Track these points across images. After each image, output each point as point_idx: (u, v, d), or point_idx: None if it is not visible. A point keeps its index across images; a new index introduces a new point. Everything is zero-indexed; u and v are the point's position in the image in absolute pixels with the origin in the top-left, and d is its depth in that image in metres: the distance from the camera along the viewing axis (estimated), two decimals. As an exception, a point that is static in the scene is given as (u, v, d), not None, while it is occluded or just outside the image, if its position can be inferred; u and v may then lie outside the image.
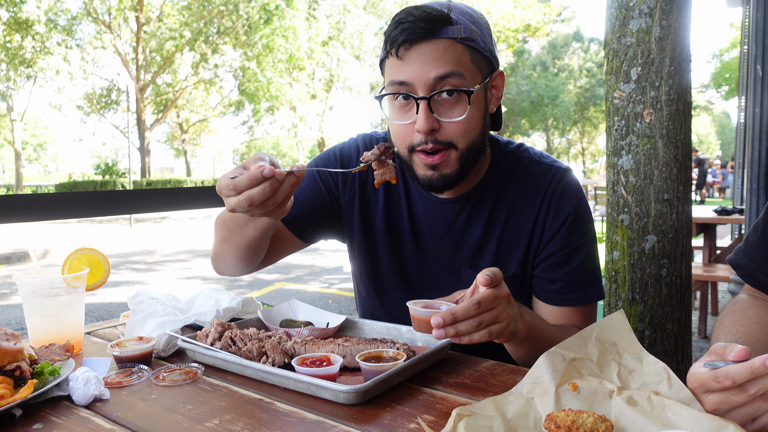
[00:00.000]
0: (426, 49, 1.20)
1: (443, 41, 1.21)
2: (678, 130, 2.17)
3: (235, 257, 1.42)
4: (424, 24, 1.19)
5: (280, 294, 7.59)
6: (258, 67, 27.07)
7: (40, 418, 1.00)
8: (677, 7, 2.13)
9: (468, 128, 1.26)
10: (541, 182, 1.40)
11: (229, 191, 1.07)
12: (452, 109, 1.24)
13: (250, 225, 1.32)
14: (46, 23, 24.78)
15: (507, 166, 1.43)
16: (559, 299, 1.39)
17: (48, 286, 1.33)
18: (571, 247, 1.38)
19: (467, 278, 1.42)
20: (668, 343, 2.27)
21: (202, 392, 1.09)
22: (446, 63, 1.20)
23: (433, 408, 1.00)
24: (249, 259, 1.43)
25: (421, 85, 1.21)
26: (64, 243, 13.16)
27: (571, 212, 1.38)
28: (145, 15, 27.03)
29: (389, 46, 1.24)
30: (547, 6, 32.42)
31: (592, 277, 1.41)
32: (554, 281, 1.39)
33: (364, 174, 1.52)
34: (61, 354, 1.21)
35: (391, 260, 1.50)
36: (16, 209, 1.84)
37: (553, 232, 1.38)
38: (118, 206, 2.08)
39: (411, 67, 1.21)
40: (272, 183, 1.06)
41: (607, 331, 0.99)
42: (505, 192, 1.42)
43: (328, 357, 1.14)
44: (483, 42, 1.26)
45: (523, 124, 44.74)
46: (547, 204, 1.39)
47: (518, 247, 1.40)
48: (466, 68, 1.23)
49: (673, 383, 0.90)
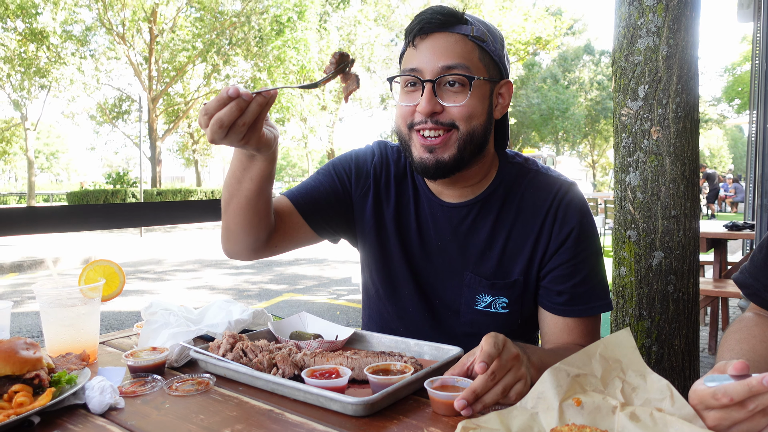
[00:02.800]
0: (439, 40, 1.29)
1: (455, 35, 1.29)
2: (685, 147, 2.19)
3: (238, 223, 1.38)
4: (440, 16, 1.28)
5: (289, 305, 7.61)
6: (269, 78, 27.28)
7: (57, 425, 1.02)
8: (685, 26, 2.16)
9: (470, 113, 1.30)
10: (547, 194, 1.43)
11: (204, 119, 1.10)
12: (455, 95, 1.30)
13: (246, 177, 1.31)
14: (61, 34, 25.13)
15: (514, 177, 1.48)
16: (565, 311, 1.41)
17: (65, 296, 1.37)
18: (577, 259, 1.41)
19: (470, 282, 1.46)
20: (675, 359, 2.27)
21: (214, 402, 1.12)
22: (455, 55, 1.28)
23: (440, 421, 1.02)
24: (252, 224, 1.38)
25: (429, 71, 1.29)
26: (75, 251, 13.26)
27: (576, 225, 1.41)
28: (158, 26, 27.37)
29: (407, 37, 1.34)
30: (558, 19, 32.51)
31: (598, 288, 1.43)
32: (561, 293, 1.41)
33: (378, 171, 1.56)
34: (77, 363, 1.24)
35: (401, 256, 1.53)
36: (35, 221, 1.89)
37: (559, 244, 1.41)
38: (135, 219, 2.12)
39: (422, 55, 1.30)
40: (239, 102, 1.08)
41: (611, 348, 1.01)
42: (511, 201, 1.45)
43: (337, 369, 1.16)
44: (494, 47, 1.33)
45: (534, 137, 44.71)
46: (552, 215, 1.41)
47: (521, 255, 1.43)
48: (473, 64, 1.30)
49: (676, 400, 0.92)
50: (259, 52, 27.00)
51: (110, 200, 24.71)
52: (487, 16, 30.31)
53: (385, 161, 1.58)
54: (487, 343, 1.05)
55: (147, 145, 29.82)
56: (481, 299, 1.45)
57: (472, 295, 1.46)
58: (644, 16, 2.20)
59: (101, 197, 25.16)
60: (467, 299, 1.47)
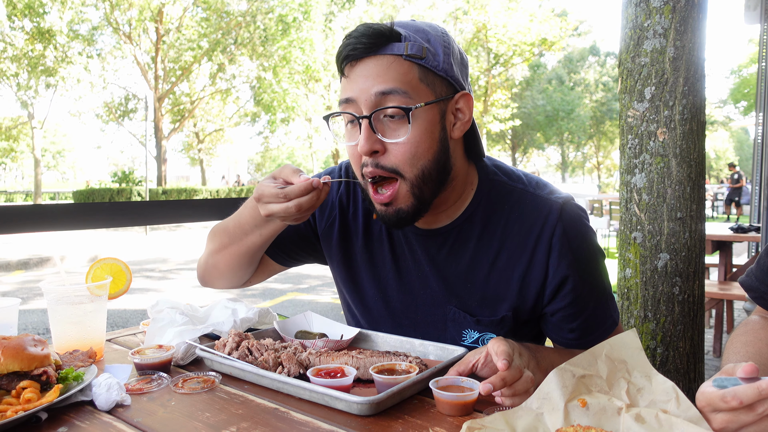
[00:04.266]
0: (369, 65, 1.16)
1: (388, 57, 1.15)
2: (691, 149, 2.18)
3: (229, 265, 1.49)
4: (366, 39, 1.15)
5: (293, 304, 7.62)
6: (274, 78, 27.33)
7: (64, 422, 1.03)
8: (692, 28, 2.16)
9: (414, 152, 1.17)
10: (537, 218, 1.27)
11: (277, 199, 1.18)
12: (395, 129, 1.17)
13: (255, 232, 1.38)
14: (68, 33, 25.24)
15: (495, 198, 1.32)
16: (579, 344, 1.33)
17: (73, 294, 1.38)
18: (584, 292, 1.28)
19: (454, 316, 1.34)
20: (680, 361, 2.27)
21: (219, 400, 1.12)
22: (389, 79, 1.14)
23: (444, 421, 1.02)
24: (243, 268, 1.50)
25: (364, 101, 1.16)
26: (81, 249, 13.31)
27: (577, 256, 1.27)
28: (164, 26, 27.45)
29: (337, 65, 1.22)
30: (563, 20, 32.43)
31: (607, 310, 1.34)
32: (573, 330, 1.32)
33: (344, 202, 1.48)
34: (84, 360, 1.25)
35: (375, 292, 1.45)
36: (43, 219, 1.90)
37: (561, 280, 1.26)
38: (141, 217, 2.13)
39: (355, 84, 1.17)
40: (318, 192, 1.19)
41: (617, 348, 1.01)
42: (494, 225, 1.31)
43: (342, 368, 1.17)
44: (436, 61, 1.18)
45: (538, 138, 44.62)
46: (545, 245, 1.26)
47: (509, 290, 1.30)
48: (411, 86, 1.16)
49: (681, 402, 0.92)
50: (264, 52, 27.06)
51: (116, 198, 24.81)
52: (493, 17, 30.29)
53: (351, 189, 1.48)
54: (500, 343, 1.07)
55: (153, 144, 29.92)
56: (468, 335, 1.35)
57: (458, 330, 1.36)
58: (651, 18, 2.19)
59: (107, 195, 25.26)
60: (452, 335, 1.36)
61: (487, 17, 30.58)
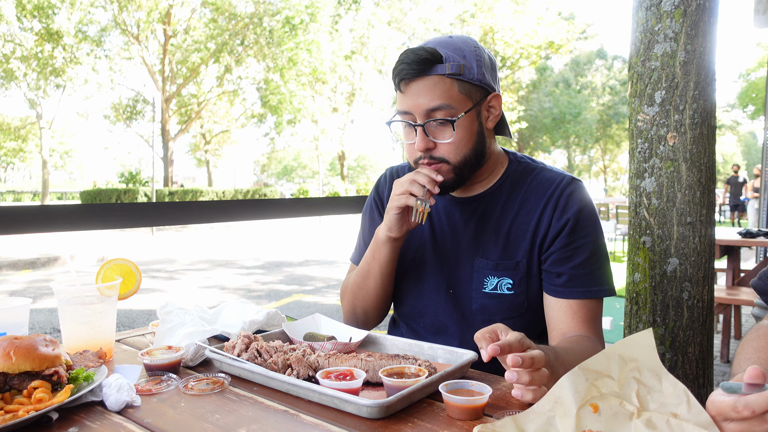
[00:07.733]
0: (419, 85, 1.43)
1: (433, 78, 1.42)
2: (702, 153, 2.17)
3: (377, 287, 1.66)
4: (416, 66, 1.41)
5: (298, 306, 7.63)
6: (281, 80, 27.42)
7: (74, 422, 1.04)
8: (703, 32, 2.15)
9: (457, 147, 1.47)
10: (549, 186, 1.55)
11: None
12: (443, 132, 1.47)
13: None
14: (76, 34, 25.40)
15: (520, 174, 1.61)
16: (564, 292, 1.49)
17: (83, 294, 1.38)
18: (575, 244, 1.50)
19: (479, 266, 1.57)
20: (689, 366, 2.25)
21: (229, 402, 1.13)
22: (435, 97, 1.42)
23: (454, 424, 1.02)
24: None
25: (418, 113, 1.45)
26: (88, 250, 13.37)
27: (575, 213, 1.50)
28: (172, 27, 27.59)
29: (393, 80, 1.50)
30: (570, 23, 32.39)
31: (597, 274, 1.50)
32: (560, 275, 1.50)
33: (388, 195, 1.75)
34: (94, 360, 1.25)
35: (413, 260, 1.69)
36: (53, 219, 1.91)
37: (558, 230, 1.50)
38: (152, 218, 2.13)
39: (410, 100, 1.45)
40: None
41: (630, 347, 1.00)
42: (516, 194, 1.58)
43: (351, 371, 1.17)
44: (471, 74, 1.45)
45: (545, 141, 44.56)
46: (553, 204, 1.52)
47: (524, 239, 1.54)
48: (453, 99, 1.43)
49: (692, 406, 0.91)
50: (271, 54, 27.14)
51: (122, 199, 24.92)
52: (500, 20, 30.29)
53: (396, 178, 1.78)
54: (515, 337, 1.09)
55: (160, 145, 30.03)
56: (488, 282, 1.55)
57: (480, 279, 1.56)
58: (662, 22, 2.18)
59: (114, 196, 25.38)
60: (476, 284, 1.56)
61: (494, 20, 30.60)
